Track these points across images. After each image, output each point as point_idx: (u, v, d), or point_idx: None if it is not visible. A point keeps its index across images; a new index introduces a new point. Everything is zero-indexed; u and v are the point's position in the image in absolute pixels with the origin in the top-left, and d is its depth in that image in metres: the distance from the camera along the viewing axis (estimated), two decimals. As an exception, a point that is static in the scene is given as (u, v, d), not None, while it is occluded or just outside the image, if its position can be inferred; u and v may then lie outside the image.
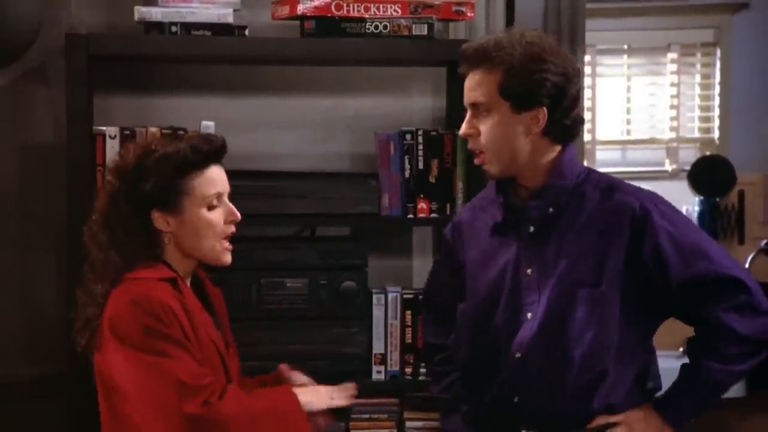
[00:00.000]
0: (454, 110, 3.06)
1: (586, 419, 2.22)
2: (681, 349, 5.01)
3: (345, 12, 2.82)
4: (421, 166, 2.94)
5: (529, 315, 2.22)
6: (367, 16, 2.83)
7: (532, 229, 2.24)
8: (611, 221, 2.22)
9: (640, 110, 5.34)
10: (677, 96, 5.28)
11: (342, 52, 2.84)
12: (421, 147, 2.94)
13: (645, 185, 6.03)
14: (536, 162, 2.23)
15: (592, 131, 5.27)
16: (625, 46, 5.29)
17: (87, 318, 2.06)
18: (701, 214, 5.13)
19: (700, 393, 2.26)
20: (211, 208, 2.09)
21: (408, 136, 2.94)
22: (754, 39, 5.16)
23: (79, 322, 2.09)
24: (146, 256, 2.08)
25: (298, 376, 2.26)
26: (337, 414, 2.62)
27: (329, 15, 2.81)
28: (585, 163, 4.91)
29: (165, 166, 2.05)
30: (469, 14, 2.92)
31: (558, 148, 2.23)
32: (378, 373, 2.90)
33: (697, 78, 5.31)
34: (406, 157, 2.94)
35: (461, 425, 2.35)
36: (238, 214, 2.14)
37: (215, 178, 2.10)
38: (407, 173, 2.94)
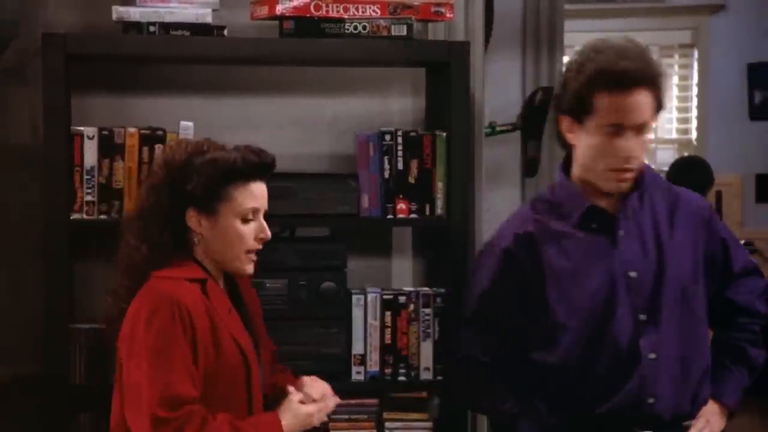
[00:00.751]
0: (434, 111, 3.07)
1: (693, 414, 2.32)
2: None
3: (324, 12, 2.82)
4: (400, 166, 2.94)
5: (642, 317, 2.26)
6: (346, 16, 2.83)
7: (622, 232, 2.28)
8: (690, 219, 2.34)
9: (619, 111, 5.37)
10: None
11: (321, 53, 2.84)
12: (400, 148, 2.94)
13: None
14: None
15: (571, 132, 5.29)
16: (604, 47, 5.32)
17: (119, 309, 2.11)
18: (679, 215, 5.17)
19: (747, 378, 2.42)
20: (245, 221, 2.13)
21: (387, 137, 2.94)
22: (730, 40, 5.21)
23: (111, 311, 2.15)
24: (177, 252, 2.11)
25: (316, 388, 2.27)
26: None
27: (308, 15, 2.81)
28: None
29: (213, 169, 2.08)
30: (448, 15, 2.93)
31: None
32: (357, 374, 2.89)
33: (675, 79, 5.36)
34: (386, 157, 2.94)
35: None
36: (269, 233, 2.17)
37: (257, 193, 2.14)
38: (387, 174, 2.94)
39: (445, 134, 2.92)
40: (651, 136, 2.23)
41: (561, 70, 4.19)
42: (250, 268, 2.16)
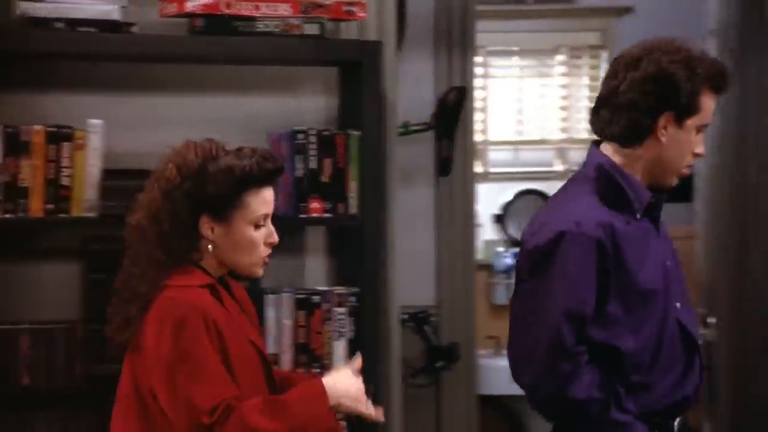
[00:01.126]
0: (347, 110, 3.07)
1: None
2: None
3: (235, 10, 2.80)
4: (313, 165, 2.94)
5: (678, 304, 2.36)
6: (257, 14, 2.81)
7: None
8: None
9: (531, 111, 5.43)
10: (566, 97, 5.39)
11: (232, 51, 2.82)
12: (313, 146, 2.94)
13: (536, 185, 6.19)
14: None
15: (485, 132, 5.34)
16: (516, 48, 5.38)
17: (128, 317, 2.07)
18: (590, 213, 5.25)
19: None
20: (257, 227, 2.12)
21: (300, 136, 2.94)
22: (637, 41, 5.30)
23: (118, 318, 2.09)
24: (188, 258, 2.10)
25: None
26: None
27: (218, 13, 2.79)
28: (478, 163, 5.00)
29: (230, 177, 2.08)
30: (360, 14, 2.93)
31: None
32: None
33: (585, 80, 5.43)
34: (299, 156, 2.93)
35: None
36: (277, 238, 2.16)
37: (268, 199, 2.13)
38: (300, 173, 2.93)
39: (358, 133, 2.93)
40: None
41: (473, 70, 4.24)
42: (260, 271, 2.17)
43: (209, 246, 2.10)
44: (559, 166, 5.43)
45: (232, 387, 2.02)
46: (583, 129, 5.45)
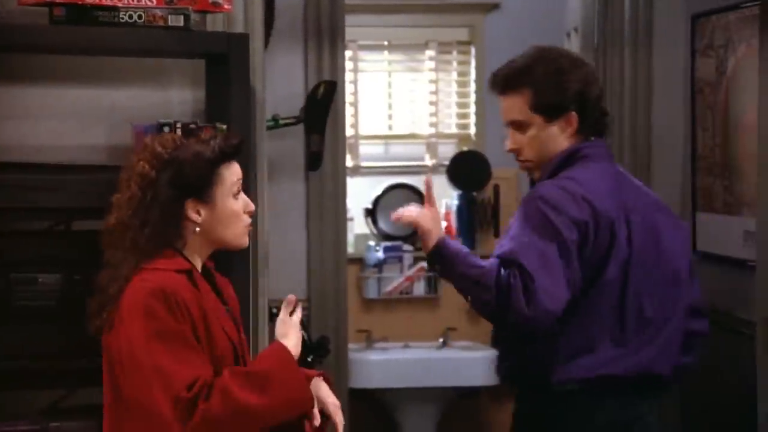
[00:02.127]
0: (214, 103, 3.04)
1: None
2: (441, 340, 5.20)
3: (97, 0, 2.74)
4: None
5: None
6: (120, 4, 2.76)
7: None
8: None
9: (401, 106, 5.47)
10: (436, 92, 5.44)
11: (94, 42, 2.76)
12: (179, 139, 2.90)
13: (407, 179, 6.22)
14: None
15: (355, 126, 5.35)
16: (386, 42, 5.41)
17: (109, 296, 2.14)
18: (459, 208, 5.32)
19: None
20: (235, 197, 2.23)
21: (166, 129, 2.89)
22: (504, 38, 5.38)
23: (100, 300, 2.16)
24: (172, 246, 2.17)
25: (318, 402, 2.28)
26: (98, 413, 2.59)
27: (80, 2, 2.73)
28: (349, 158, 5.02)
29: (203, 158, 2.18)
30: (226, 6, 2.91)
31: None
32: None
33: (454, 75, 5.49)
34: (165, 149, 2.89)
35: None
36: (253, 206, 2.27)
37: (238, 169, 2.25)
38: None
39: (225, 126, 2.90)
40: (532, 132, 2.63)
41: (343, 64, 4.25)
42: (246, 240, 2.28)
43: (196, 228, 2.19)
44: (429, 161, 5.49)
45: (207, 365, 2.08)
46: (452, 124, 5.52)
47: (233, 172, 2.23)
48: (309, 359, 4.06)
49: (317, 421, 2.25)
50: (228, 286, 2.36)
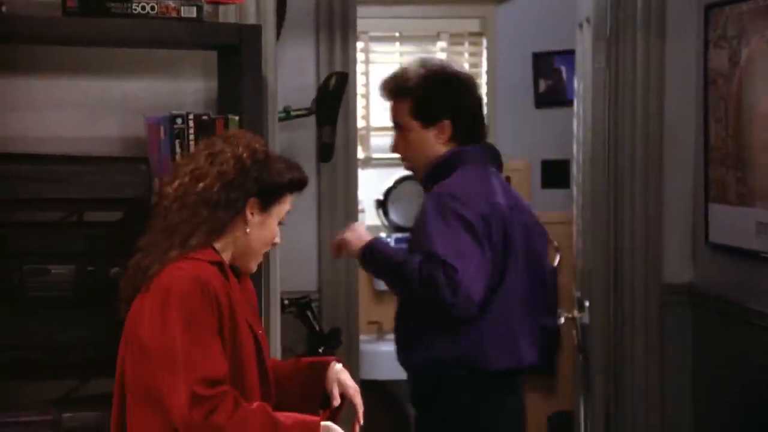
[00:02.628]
0: (226, 94, 3.04)
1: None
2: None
3: (110, -9, 2.74)
4: (192, 150, 2.90)
5: None
6: (133, -4, 2.76)
7: None
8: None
9: (413, 97, 5.46)
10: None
11: (107, 33, 2.76)
12: (192, 131, 2.90)
13: (417, 171, 6.06)
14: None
15: (367, 118, 5.36)
16: (397, 34, 5.41)
17: (148, 279, 2.16)
18: (471, 199, 5.32)
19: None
20: (279, 224, 2.33)
21: (179, 120, 2.90)
22: (516, 29, 5.39)
23: (138, 283, 2.19)
24: (222, 234, 2.23)
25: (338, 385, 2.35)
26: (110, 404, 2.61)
27: (93, -6, 2.73)
28: (360, 149, 5.01)
29: (286, 177, 2.29)
30: (238, -2, 2.92)
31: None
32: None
33: (466, 66, 5.48)
34: (177, 141, 2.89)
35: None
36: (280, 240, 2.36)
37: (290, 203, 2.35)
38: (178, 157, 2.89)
39: (237, 118, 2.91)
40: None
41: (354, 56, 4.25)
42: (255, 268, 2.34)
43: (247, 229, 2.25)
44: (440, 152, 5.48)
45: (224, 364, 2.11)
46: (463, 115, 5.51)
47: (289, 204, 2.33)
48: (320, 351, 4.07)
49: (336, 402, 2.31)
50: (248, 282, 2.39)
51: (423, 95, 2.94)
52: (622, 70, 4.17)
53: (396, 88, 2.99)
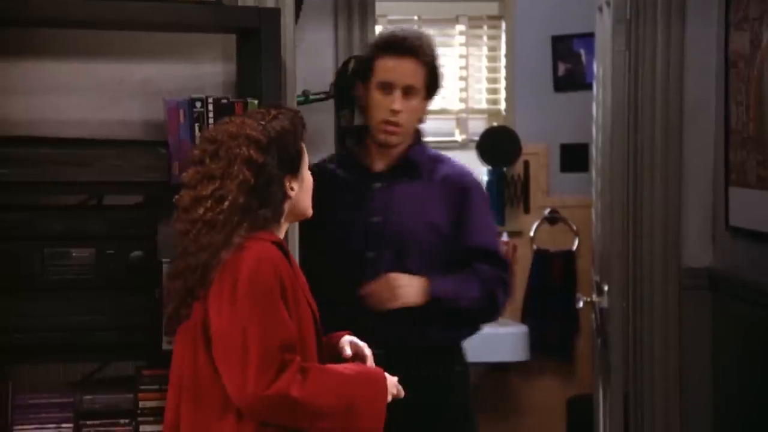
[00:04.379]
0: (245, 78, 3.04)
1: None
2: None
3: (129, -26, 2.75)
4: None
5: (371, 254, 2.92)
6: (152, -21, 2.77)
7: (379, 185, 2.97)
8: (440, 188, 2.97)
9: (431, 81, 5.45)
10: (466, 67, 5.42)
11: (127, 16, 2.76)
12: (211, 114, 2.90)
13: (436, 155, 6.06)
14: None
15: (385, 101, 5.33)
16: (416, 17, 5.39)
17: (210, 271, 2.22)
18: (489, 184, 5.31)
19: (461, 287, 2.94)
20: (308, 169, 2.38)
21: (198, 104, 2.90)
22: (535, 12, 5.35)
23: (197, 280, 2.24)
24: (276, 221, 2.30)
25: (351, 345, 2.43)
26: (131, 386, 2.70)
27: (112, -23, 2.73)
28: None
29: (293, 136, 2.32)
30: (258, -20, 2.91)
31: None
32: (168, 344, 2.85)
33: (485, 50, 5.47)
34: (197, 124, 2.89)
35: None
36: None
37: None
38: (198, 141, 2.89)
39: (256, 101, 2.90)
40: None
41: (373, 39, 4.23)
42: (311, 210, 2.41)
43: (292, 197, 2.32)
44: (458, 136, 5.47)
45: (294, 331, 2.20)
46: (482, 99, 5.49)
47: (305, 144, 2.38)
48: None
49: (347, 354, 2.40)
50: (295, 263, 2.43)
51: (435, 65, 2.95)
52: (642, 53, 4.15)
53: (421, 49, 2.93)
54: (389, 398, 2.30)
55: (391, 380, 2.32)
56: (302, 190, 2.35)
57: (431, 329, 2.93)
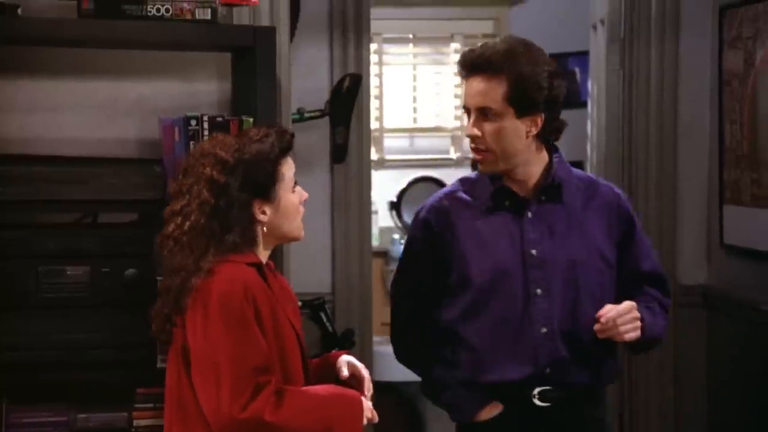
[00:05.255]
0: (240, 96, 3.05)
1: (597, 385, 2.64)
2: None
3: (124, -7, 2.75)
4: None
5: (539, 291, 2.49)
6: (147, -2, 2.77)
7: (530, 214, 2.52)
8: (602, 211, 2.57)
9: (426, 99, 5.47)
10: (460, 85, 5.43)
11: (122, 35, 2.77)
12: (206, 133, 2.90)
13: (431, 172, 6.25)
14: (530, 160, 2.51)
15: (380, 119, 5.36)
16: (411, 35, 5.41)
17: (184, 294, 2.18)
18: (484, 200, 5.32)
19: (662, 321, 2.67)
20: (293, 190, 2.30)
21: (193, 122, 2.90)
22: (529, 31, 5.36)
23: (172, 304, 2.21)
24: (249, 246, 2.23)
25: (349, 365, 2.40)
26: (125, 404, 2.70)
27: (108, -4, 2.74)
28: (373, 151, 5.01)
29: (264, 158, 2.23)
30: (253, 0, 2.92)
31: (543, 147, 2.54)
32: (162, 362, 2.84)
33: (480, 68, 5.48)
34: (192, 142, 2.90)
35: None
36: (306, 194, 2.34)
37: (291, 162, 2.31)
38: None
39: (252, 119, 2.91)
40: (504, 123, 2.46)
41: (368, 57, 4.25)
42: (303, 233, 2.35)
43: (264, 228, 2.25)
44: (453, 154, 5.48)
45: (267, 355, 2.15)
46: (477, 117, 5.50)
47: (290, 167, 2.30)
48: (334, 351, 4.08)
49: (344, 375, 2.37)
50: (282, 279, 2.42)
51: (526, 78, 2.44)
52: (636, 72, 4.17)
53: (492, 63, 2.45)
54: (365, 422, 2.27)
55: (366, 404, 2.29)
56: (279, 215, 2.28)
57: (607, 367, 2.59)
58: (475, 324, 2.52)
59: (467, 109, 2.51)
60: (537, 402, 2.50)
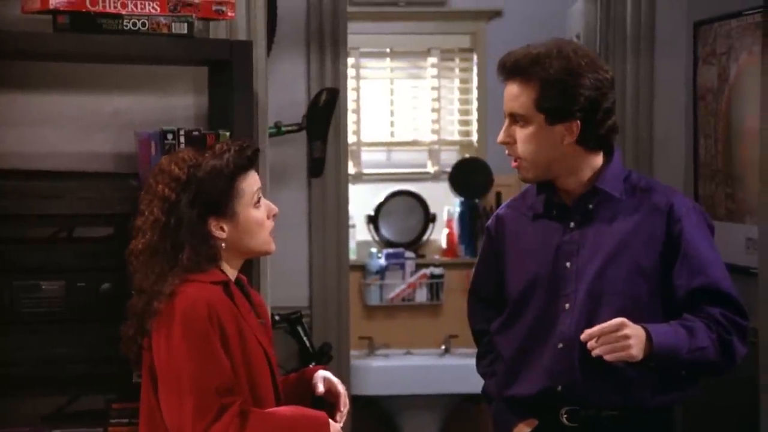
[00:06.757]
0: (217, 110, 3.05)
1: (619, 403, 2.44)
2: (443, 347, 5.19)
3: (101, 8, 2.74)
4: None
5: (567, 305, 2.39)
6: (124, 12, 2.77)
7: (572, 224, 2.42)
8: (648, 220, 2.40)
9: (403, 113, 5.48)
10: (438, 99, 5.45)
11: (98, 49, 2.76)
12: (182, 146, 2.90)
13: (409, 186, 6.25)
14: (574, 168, 2.39)
15: (357, 133, 5.37)
16: (388, 50, 5.42)
17: (150, 315, 2.16)
18: (462, 215, 5.33)
19: (684, 340, 2.37)
20: (256, 206, 2.23)
21: (169, 136, 2.90)
22: (506, 45, 5.37)
23: (138, 325, 2.19)
24: (210, 263, 2.19)
25: (325, 381, 2.36)
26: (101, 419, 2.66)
27: (84, 10, 2.73)
28: (351, 164, 5.02)
29: (218, 174, 2.19)
30: (229, 14, 2.92)
31: (598, 154, 2.40)
32: (138, 377, 2.82)
33: (457, 82, 5.50)
34: (168, 156, 2.89)
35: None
36: (276, 208, 2.29)
37: (256, 177, 2.26)
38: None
39: (228, 133, 2.91)
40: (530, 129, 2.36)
41: (345, 72, 4.26)
42: (273, 246, 2.30)
43: (222, 244, 2.21)
44: (431, 168, 5.49)
45: (230, 376, 2.12)
46: (454, 131, 5.52)
47: (251, 183, 2.24)
48: (311, 366, 4.07)
49: (320, 390, 2.34)
50: (258, 297, 2.39)
51: (555, 84, 2.33)
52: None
53: (521, 67, 2.37)
54: None
55: (335, 426, 2.23)
56: (240, 231, 2.22)
57: (644, 388, 2.40)
58: (508, 336, 2.48)
59: (505, 113, 2.44)
60: (565, 422, 2.39)
